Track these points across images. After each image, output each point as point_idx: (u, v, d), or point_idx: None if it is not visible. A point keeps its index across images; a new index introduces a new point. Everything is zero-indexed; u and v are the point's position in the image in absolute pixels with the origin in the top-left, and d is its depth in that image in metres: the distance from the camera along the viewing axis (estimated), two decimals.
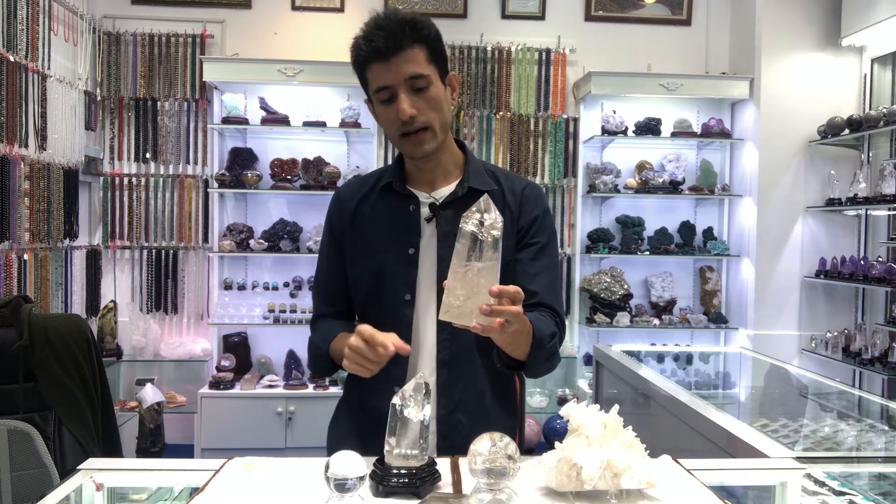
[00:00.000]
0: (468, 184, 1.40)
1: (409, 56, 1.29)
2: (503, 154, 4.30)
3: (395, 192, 1.43)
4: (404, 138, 1.34)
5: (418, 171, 1.43)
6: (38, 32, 3.44)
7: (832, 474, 1.35)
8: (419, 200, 1.41)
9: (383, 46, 1.28)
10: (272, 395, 3.87)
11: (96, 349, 2.01)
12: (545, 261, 1.42)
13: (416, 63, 1.29)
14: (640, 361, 2.96)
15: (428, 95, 1.32)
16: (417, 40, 1.30)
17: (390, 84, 1.30)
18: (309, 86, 4.12)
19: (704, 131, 4.23)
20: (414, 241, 1.39)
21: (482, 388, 1.42)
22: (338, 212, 1.49)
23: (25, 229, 3.31)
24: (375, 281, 1.41)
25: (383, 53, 1.28)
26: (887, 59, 4.01)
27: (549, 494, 1.10)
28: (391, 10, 1.32)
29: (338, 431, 1.50)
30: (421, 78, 1.30)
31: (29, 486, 1.66)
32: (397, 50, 1.28)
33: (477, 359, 1.41)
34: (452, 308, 1.07)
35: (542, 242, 1.43)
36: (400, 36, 1.28)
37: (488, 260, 1.07)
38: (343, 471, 1.00)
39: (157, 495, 1.24)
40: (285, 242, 4.07)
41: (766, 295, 4.09)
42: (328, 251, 1.50)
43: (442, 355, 1.38)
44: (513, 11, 4.36)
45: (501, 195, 1.43)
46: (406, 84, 1.30)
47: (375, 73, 1.31)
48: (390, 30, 1.28)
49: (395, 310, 1.39)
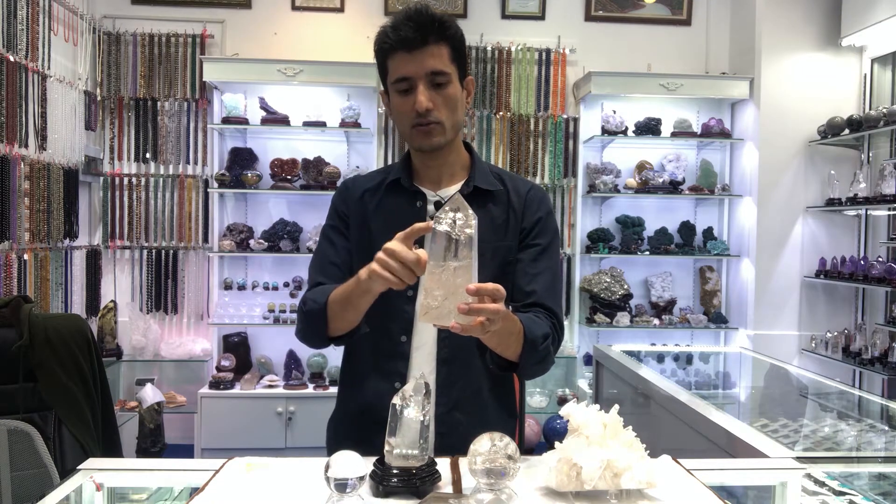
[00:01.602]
0: (474, 183, 1.42)
1: (434, 51, 1.30)
2: (503, 154, 4.30)
3: (402, 189, 1.44)
4: (415, 129, 1.35)
5: (425, 168, 1.43)
6: (38, 32, 3.44)
7: (832, 474, 1.35)
8: (426, 197, 1.42)
9: (410, 37, 1.28)
10: (272, 395, 3.87)
11: (96, 349, 2.01)
12: (546, 262, 1.43)
13: (439, 59, 1.31)
14: (640, 361, 2.96)
15: (446, 93, 1.33)
16: (443, 38, 1.31)
17: (411, 75, 1.31)
18: (309, 86, 4.11)
19: (704, 131, 4.23)
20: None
21: (481, 387, 1.42)
22: (343, 199, 1.49)
23: (25, 229, 3.31)
24: None
25: (409, 45, 1.29)
26: (887, 59, 4.01)
27: (549, 494, 1.10)
28: (422, 5, 1.33)
29: (337, 431, 1.50)
30: (442, 74, 1.31)
31: (29, 486, 1.66)
32: (423, 44, 1.29)
33: (477, 358, 1.41)
34: (431, 309, 1.06)
35: (543, 244, 1.44)
36: (428, 30, 1.29)
37: (464, 259, 1.06)
38: (343, 471, 1.00)
39: (157, 495, 1.24)
40: (285, 242, 4.07)
41: (766, 295, 4.09)
42: (330, 230, 1.49)
43: (442, 353, 1.39)
44: (513, 11, 4.36)
45: (506, 196, 1.45)
46: (426, 78, 1.31)
47: (398, 62, 1.31)
48: (420, 23, 1.29)
49: (395, 304, 1.38)
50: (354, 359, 1.48)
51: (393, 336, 1.40)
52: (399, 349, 1.39)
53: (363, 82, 4.02)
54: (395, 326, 1.39)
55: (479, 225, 1.37)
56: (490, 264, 1.40)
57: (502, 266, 1.42)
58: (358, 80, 4.02)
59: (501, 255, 1.42)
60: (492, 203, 1.43)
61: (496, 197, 1.44)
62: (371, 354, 1.43)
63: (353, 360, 1.49)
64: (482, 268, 1.36)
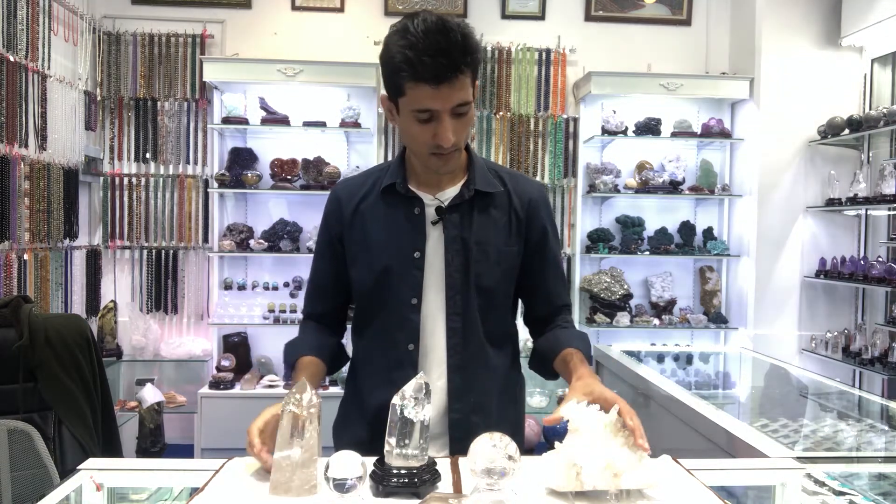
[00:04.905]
0: (474, 186, 1.39)
1: (460, 83, 1.22)
2: (503, 154, 4.30)
3: (398, 194, 1.39)
4: (433, 156, 1.30)
5: (426, 171, 1.39)
6: (38, 32, 3.44)
7: (832, 474, 1.35)
8: (424, 203, 1.39)
9: (441, 75, 1.19)
10: (272, 395, 3.86)
11: (96, 349, 2.01)
12: (557, 265, 1.50)
13: (464, 90, 1.23)
14: (640, 361, 2.97)
15: (466, 119, 1.28)
16: (468, 64, 1.22)
17: (437, 109, 1.23)
18: (309, 86, 4.11)
19: (704, 131, 4.23)
20: (419, 245, 1.37)
21: (494, 388, 1.43)
22: (336, 212, 1.45)
23: (25, 229, 3.31)
24: (379, 284, 1.39)
25: (439, 81, 1.20)
26: (887, 59, 4.00)
27: (549, 494, 1.10)
28: (446, 25, 1.20)
29: (346, 434, 1.48)
30: (466, 105, 1.25)
31: (29, 486, 1.66)
32: (452, 78, 1.20)
33: (490, 360, 1.42)
34: (280, 484, 1.09)
35: (553, 250, 1.48)
36: (458, 63, 1.20)
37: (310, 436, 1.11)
38: (342, 471, 1.00)
39: (157, 495, 1.24)
40: (285, 242, 4.07)
41: (766, 295, 4.09)
42: (323, 249, 1.49)
43: (453, 360, 1.38)
44: (513, 11, 4.36)
45: (507, 197, 1.43)
46: (451, 110, 1.24)
47: (420, 94, 1.22)
48: (451, 57, 1.19)
49: (400, 313, 1.38)
50: (362, 369, 1.47)
51: (400, 345, 1.38)
52: (408, 358, 1.38)
53: (363, 82, 4.01)
54: (402, 336, 1.38)
55: (482, 227, 1.39)
56: (495, 268, 1.40)
57: (507, 271, 1.43)
58: (358, 80, 4.02)
59: (507, 260, 1.42)
60: (493, 206, 1.41)
61: (496, 199, 1.42)
62: (379, 364, 1.41)
63: (360, 370, 1.48)
64: (487, 270, 1.38)
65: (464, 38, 1.21)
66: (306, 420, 1.10)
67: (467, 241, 1.38)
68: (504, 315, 1.47)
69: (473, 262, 1.38)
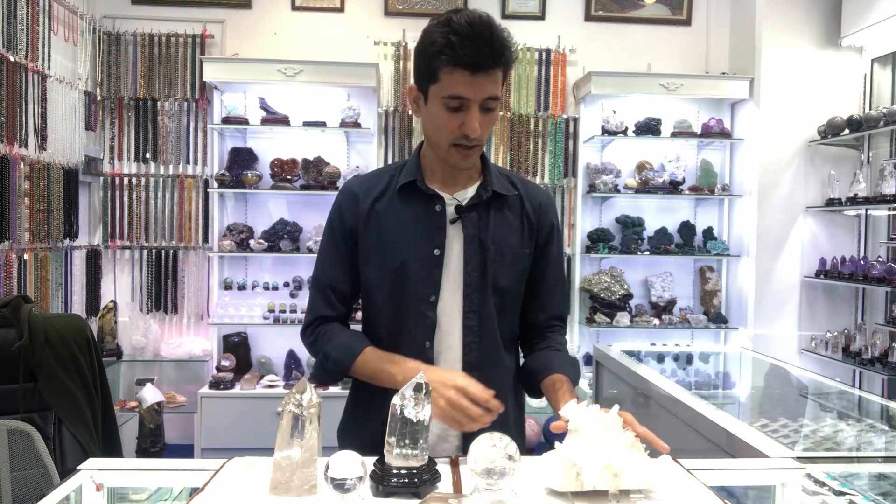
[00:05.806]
0: (492, 188, 1.41)
1: (494, 76, 1.26)
2: (503, 154, 4.30)
3: (418, 192, 1.39)
4: (455, 148, 1.32)
5: (442, 170, 1.40)
6: (38, 32, 3.44)
7: (832, 474, 1.35)
8: (445, 201, 1.39)
9: (482, 62, 1.23)
10: (272, 395, 3.86)
11: (96, 349, 2.01)
12: (559, 271, 1.51)
13: (496, 85, 1.27)
14: (640, 361, 2.96)
15: (492, 115, 1.31)
16: (504, 61, 1.27)
17: (469, 97, 1.26)
18: (309, 86, 4.11)
19: (704, 131, 4.23)
20: (439, 242, 1.38)
21: (507, 388, 1.45)
22: (352, 208, 1.42)
23: (25, 229, 3.31)
24: (397, 281, 1.38)
25: (475, 68, 1.23)
26: (887, 59, 4.01)
27: (549, 494, 1.10)
28: (491, 20, 1.25)
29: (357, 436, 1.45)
30: (495, 99, 1.28)
31: (29, 486, 1.66)
32: (489, 70, 1.24)
33: (504, 360, 1.45)
34: (280, 484, 1.09)
35: (556, 253, 1.50)
36: (497, 55, 1.24)
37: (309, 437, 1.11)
38: (342, 471, 1.00)
39: (157, 495, 1.24)
40: (285, 242, 4.07)
41: (766, 295, 4.09)
42: (335, 248, 1.44)
43: (469, 358, 1.39)
44: (513, 11, 4.36)
45: (520, 201, 1.46)
46: (481, 102, 1.27)
47: (456, 79, 1.24)
48: (494, 48, 1.23)
49: (418, 310, 1.38)
50: None
51: (416, 342, 1.38)
52: (423, 355, 1.37)
53: (363, 82, 4.01)
54: (419, 332, 1.38)
55: (498, 228, 1.41)
56: (511, 269, 1.42)
57: (520, 273, 1.44)
58: (358, 80, 4.01)
59: (521, 262, 1.44)
60: (507, 208, 1.43)
61: (510, 201, 1.44)
62: None
63: None
64: (503, 271, 1.38)
65: (505, 40, 1.26)
66: (306, 420, 1.11)
67: (485, 242, 1.39)
68: (514, 318, 1.49)
69: (490, 261, 1.39)
